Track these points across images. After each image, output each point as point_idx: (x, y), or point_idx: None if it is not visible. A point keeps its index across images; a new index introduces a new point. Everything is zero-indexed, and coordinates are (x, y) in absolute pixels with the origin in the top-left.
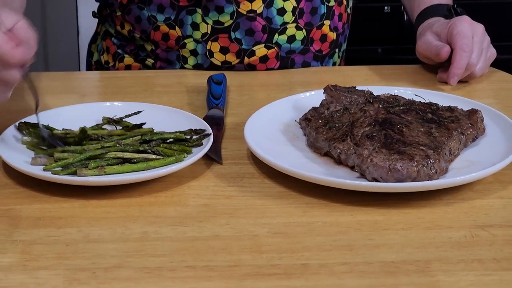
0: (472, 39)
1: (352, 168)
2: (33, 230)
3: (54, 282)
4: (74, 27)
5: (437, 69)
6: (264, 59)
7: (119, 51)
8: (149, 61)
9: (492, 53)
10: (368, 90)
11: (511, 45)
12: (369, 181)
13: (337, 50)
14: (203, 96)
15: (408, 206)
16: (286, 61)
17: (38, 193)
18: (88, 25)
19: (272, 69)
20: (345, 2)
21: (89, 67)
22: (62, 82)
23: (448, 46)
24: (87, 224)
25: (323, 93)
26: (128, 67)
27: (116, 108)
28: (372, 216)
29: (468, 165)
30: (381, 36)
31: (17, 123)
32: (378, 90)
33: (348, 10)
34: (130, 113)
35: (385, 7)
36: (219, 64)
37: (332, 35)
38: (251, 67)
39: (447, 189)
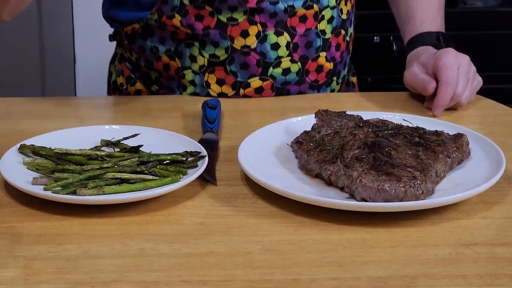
0: (457, 70)
1: (342, 189)
2: (34, 246)
3: None
4: (71, 55)
5: (424, 97)
6: (259, 90)
7: (132, 75)
8: (154, 87)
9: (478, 81)
10: (358, 115)
11: (496, 75)
12: (358, 201)
13: (335, 78)
14: (198, 120)
15: (396, 225)
16: (281, 92)
17: (39, 211)
18: (84, 54)
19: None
20: (343, 32)
21: (108, 87)
22: (61, 107)
23: (434, 82)
24: (86, 241)
25: (315, 117)
26: (138, 92)
27: (115, 131)
28: (360, 235)
29: (453, 186)
30: (371, 65)
31: (18, 145)
32: (368, 115)
33: (348, 38)
34: (127, 136)
35: (375, 37)
36: (215, 95)
37: (329, 65)
38: (247, 98)
39: (433, 209)
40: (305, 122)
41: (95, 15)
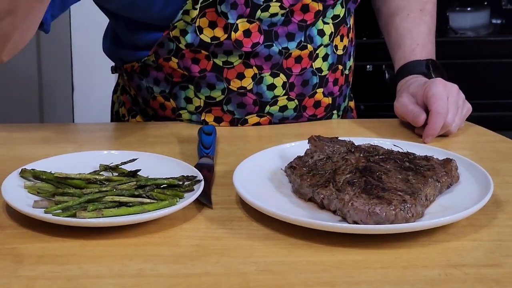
0: (447, 100)
1: (334, 212)
2: (36, 266)
3: None
4: (69, 83)
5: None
6: (257, 125)
7: (133, 107)
8: (153, 122)
9: (467, 108)
10: (350, 140)
11: (486, 102)
12: (349, 223)
13: (335, 111)
14: (194, 146)
15: (386, 246)
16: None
17: (40, 233)
18: (82, 82)
19: None
20: (340, 67)
21: (111, 116)
22: (60, 133)
23: (424, 114)
24: (86, 261)
25: (308, 143)
26: None
27: (113, 156)
28: (352, 256)
29: (442, 209)
30: (364, 93)
31: (19, 169)
32: (359, 140)
33: (346, 71)
34: (125, 161)
35: (368, 66)
36: None
37: (327, 100)
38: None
39: (423, 232)
40: (299, 147)
41: (94, 45)
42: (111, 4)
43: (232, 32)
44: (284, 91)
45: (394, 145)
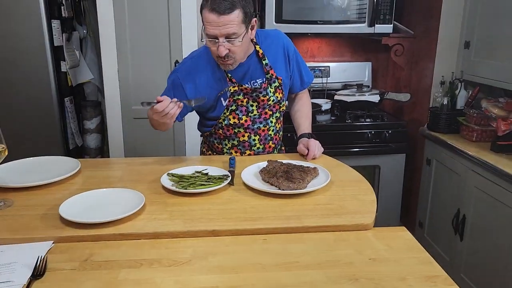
0: (315, 145)
1: (275, 186)
2: (176, 206)
3: None
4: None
5: (306, 156)
6: (249, 155)
7: (207, 149)
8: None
9: (322, 149)
10: (281, 161)
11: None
12: (281, 189)
13: (276, 150)
14: (227, 163)
15: (291, 198)
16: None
17: (176, 195)
18: (192, 141)
19: None
20: (279, 133)
21: (200, 152)
22: (184, 161)
23: (306, 151)
24: (190, 202)
25: (267, 162)
26: None
27: (199, 168)
28: (278, 202)
29: (311, 185)
30: (287, 143)
31: (167, 172)
32: (285, 160)
33: (280, 135)
34: (201, 170)
35: (288, 134)
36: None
37: (273, 145)
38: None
39: (306, 193)
40: (265, 164)
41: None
42: (198, 109)
43: (241, 120)
44: (259, 142)
45: (296, 162)
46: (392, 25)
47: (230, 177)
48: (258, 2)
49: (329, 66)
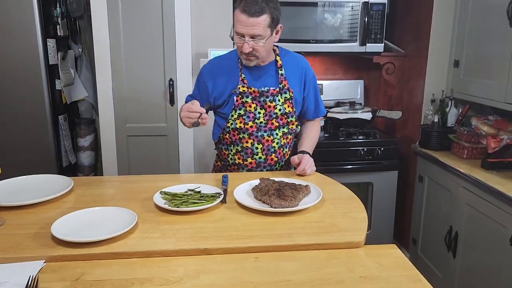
0: (308, 162)
1: (267, 203)
2: (172, 224)
3: None
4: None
5: (295, 168)
6: (250, 164)
7: (218, 160)
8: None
9: (314, 167)
10: (273, 179)
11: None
12: (272, 207)
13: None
14: (220, 181)
15: (283, 216)
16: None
17: (166, 213)
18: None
19: None
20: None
21: (212, 169)
22: (177, 179)
23: (298, 161)
24: (181, 220)
25: (259, 180)
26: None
27: (192, 186)
28: (269, 219)
29: (303, 203)
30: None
31: (159, 191)
32: (277, 178)
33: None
34: (193, 188)
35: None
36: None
37: (276, 158)
38: (243, 172)
39: (298, 211)
40: (257, 182)
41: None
42: (214, 103)
43: (246, 125)
44: (262, 151)
45: (288, 180)
46: (383, 44)
47: (223, 195)
48: None
49: (322, 84)
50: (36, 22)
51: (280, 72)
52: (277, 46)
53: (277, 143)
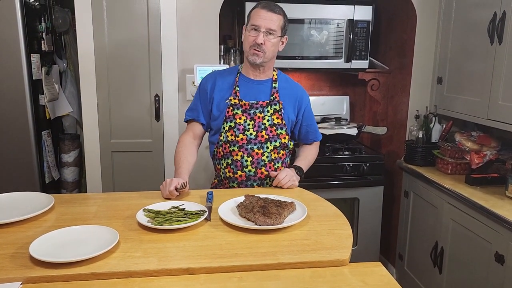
0: (287, 174)
1: (252, 221)
2: (155, 243)
3: None
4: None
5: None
6: (239, 177)
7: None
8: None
9: (294, 182)
10: (258, 195)
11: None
12: (257, 225)
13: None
14: (205, 198)
15: (268, 234)
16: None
17: (151, 232)
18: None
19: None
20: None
21: (211, 185)
22: (155, 198)
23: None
24: (165, 239)
25: (244, 196)
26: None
27: (176, 203)
28: (254, 237)
29: (289, 220)
30: None
31: (143, 208)
32: (263, 195)
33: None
34: (177, 206)
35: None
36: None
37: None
38: (227, 188)
39: (282, 228)
40: (242, 199)
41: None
42: (212, 116)
43: (237, 137)
44: (251, 164)
45: (274, 198)
46: (368, 60)
47: (207, 212)
48: (239, 37)
49: None
50: (20, 37)
51: (273, 85)
52: (277, 69)
53: (267, 157)
